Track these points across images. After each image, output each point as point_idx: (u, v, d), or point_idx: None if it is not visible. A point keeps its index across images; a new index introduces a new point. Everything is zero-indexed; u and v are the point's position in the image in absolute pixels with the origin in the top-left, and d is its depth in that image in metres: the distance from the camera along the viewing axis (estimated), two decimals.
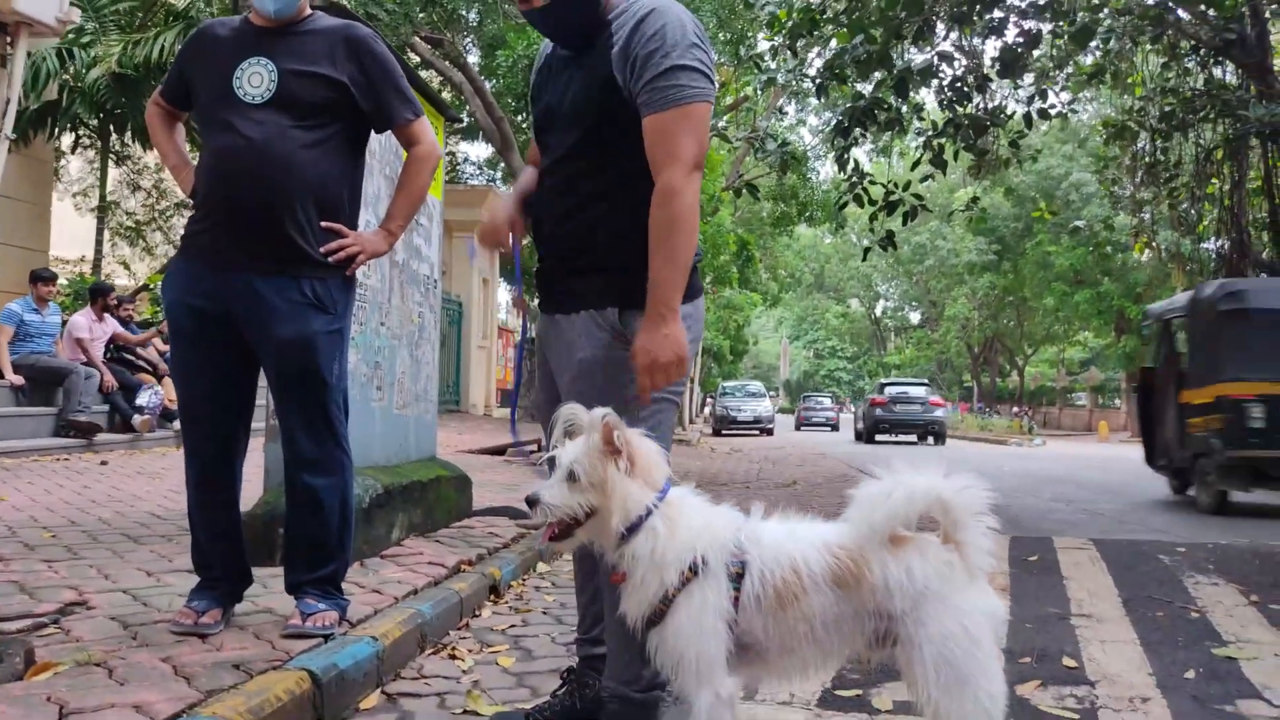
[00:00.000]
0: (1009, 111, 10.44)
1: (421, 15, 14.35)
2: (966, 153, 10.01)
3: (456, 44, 16.09)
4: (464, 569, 3.78)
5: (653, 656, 1.79)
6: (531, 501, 1.78)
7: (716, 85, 2.14)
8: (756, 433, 26.79)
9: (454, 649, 3.03)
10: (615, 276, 2.09)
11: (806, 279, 44.32)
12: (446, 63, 15.83)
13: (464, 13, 14.31)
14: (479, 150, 22.38)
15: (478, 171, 21.63)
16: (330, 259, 2.64)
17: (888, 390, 23.46)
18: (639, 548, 1.76)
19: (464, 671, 2.83)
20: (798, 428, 33.26)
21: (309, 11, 2.73)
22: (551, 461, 1.86)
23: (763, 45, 12.02)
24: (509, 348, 21.01)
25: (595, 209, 2.12)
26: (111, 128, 12.64)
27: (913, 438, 22.87)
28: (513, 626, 3.37)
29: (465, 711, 2.48)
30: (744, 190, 10.99)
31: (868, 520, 1.73)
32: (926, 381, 27.08)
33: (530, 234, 2.34)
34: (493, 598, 3.72)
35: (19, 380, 8.28)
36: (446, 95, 17.90)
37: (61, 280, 11.31)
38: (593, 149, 2.11)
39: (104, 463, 7.43)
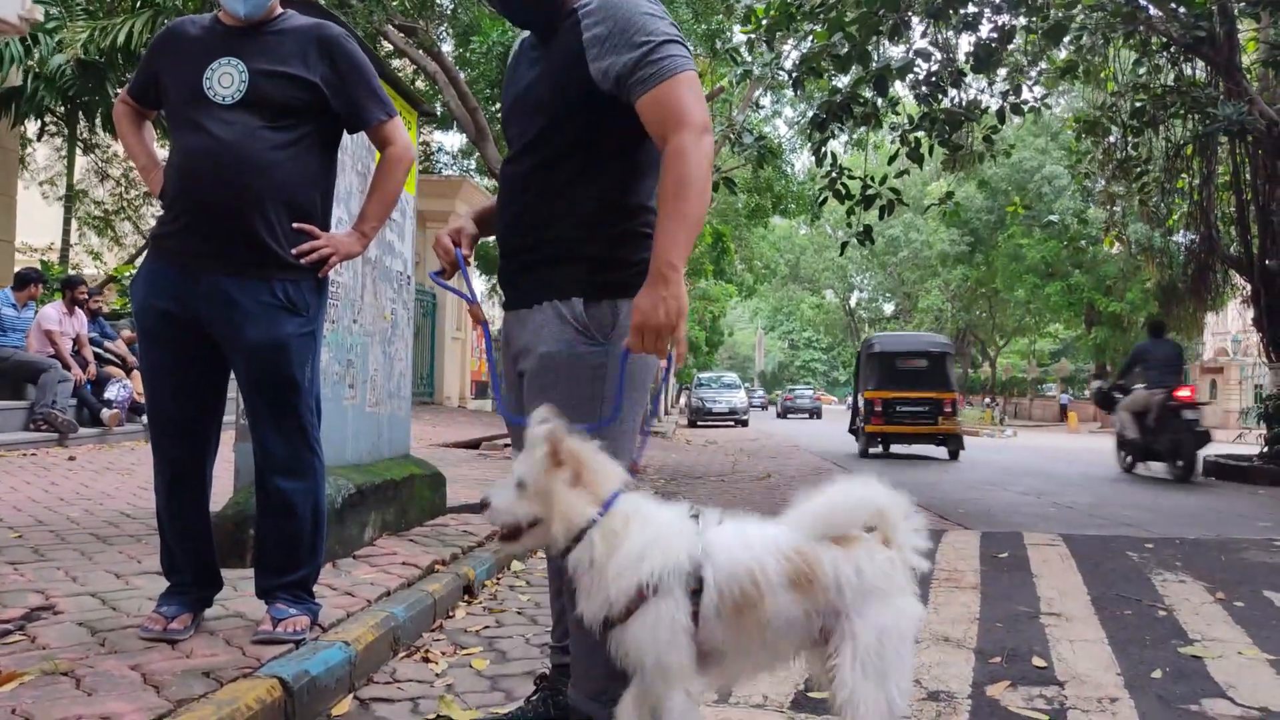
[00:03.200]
0: (983, 106, 10.52)
1: (395, 3, 14.22)
2: (941, 147, 10.08)
3: (430, 32, 15.92)
4: (437, 569, 3.77)
5: (616, 657, 1.81)
6: (483, 504, 1.85)
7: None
8: (732, 424, 26.88)
9: (427, 651, 3.02)
10: (580, 266, 2.07)
11: (782, 270, 44.38)
12: (420, 51, 15.68)
13: (438, 0, 14.15)
14: (453, 140, 22.25)
15: (451, 161, 21.46)
16: (302, 260, 2.61)
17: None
18: (579, 557, 1.79)
19: (437, 675, 2.82)
20: (782, 415, 32.86)
21: (280, 11, 2.69)
22: None
23: (739, 39, 12.03)
24: (482, 339, 20.90)
25: (559, 198, 2.09)
26: (80, 115, 12.45)
27: None
28: (487, 628, 3.36)
29: (439, 716, 2.46)
30: (720, 184, 10.97)
31: (821, 522, 1.79)
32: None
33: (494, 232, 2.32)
34: (466, 598, 3.71)
35: None
36: (420, 85, 17.76)
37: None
38: (557, 136, 2.09)
39: (72, 458, 7.33)
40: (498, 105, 15.43)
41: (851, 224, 10.17)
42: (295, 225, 2.61)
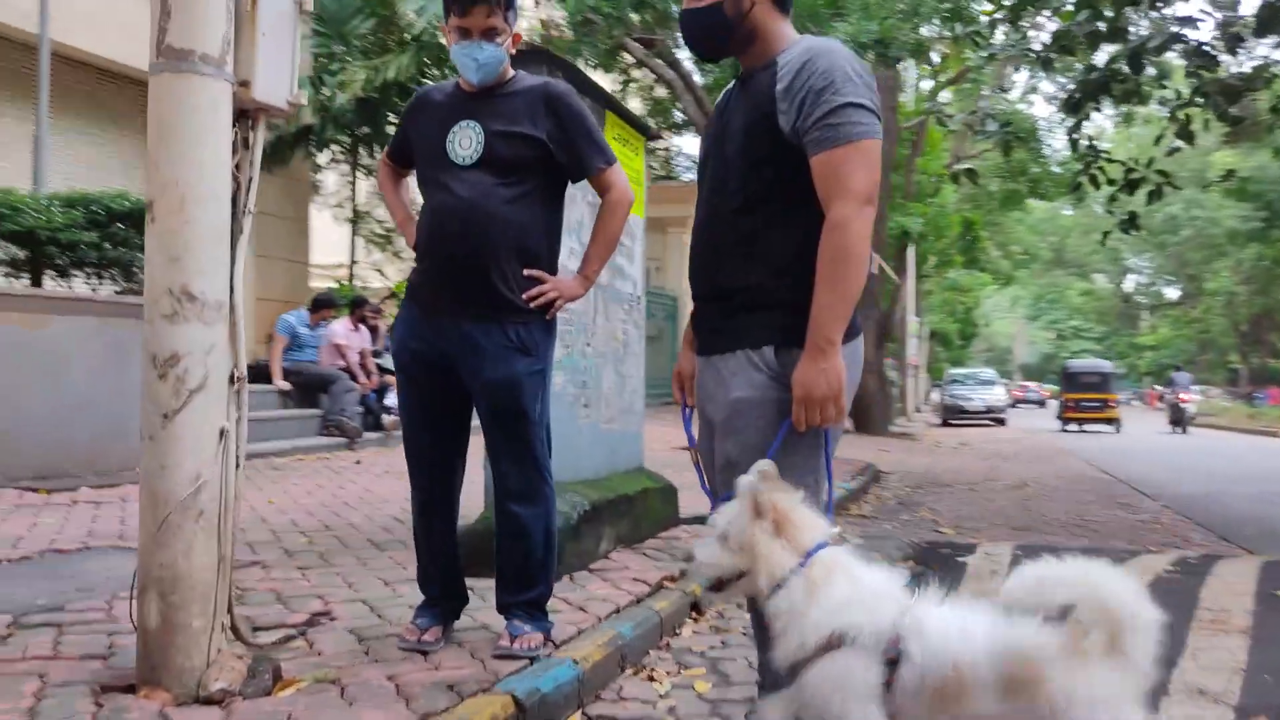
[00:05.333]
0: (1272, 72, 9.36)
1: (635, 16, 14.67)
2: (1220, 121, 9.09)
3: (668, 42, 16.30)
4: (666, 585, 3.90)
5: (798, 705, 1.83)
6: (688, 559, 1.89)
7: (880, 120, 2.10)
8: (988, 423, 25.53)
9: (652, 671, 3.14)
10: (772, 314, 2.10)
11: (1044, 255, 41.64)
12: (659, 61, 16.09)
13: (675, 12, 14.44)
14: (691, 144, 22.58)
15: (691, 166, 21.84)
16: (531, 305, 2.82)
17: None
18: (778, 604, 1.82)
19: (660, 696, 2.93)
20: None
21: (511, 74, 2.91)
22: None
23: (984, 18, 11.41)
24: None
25: (751, 246, 2.13)
26: (360, 145, 13.81)
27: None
28: (712, 648, 3.44)
29: None
30: (962, 176, 10.48)
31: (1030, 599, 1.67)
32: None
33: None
34: (694, 615, 3.81)
35: (286, 386, 9.27)
36: (660, 92, 18.20)
37: (323, 284, 12.49)
38: (752, 183, 2.13)
39: (358, 461, 8.19)
40: None
41: (1114, 211, 9.39)
42: (526, 272, 2.82)
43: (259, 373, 9.54)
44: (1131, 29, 8.04)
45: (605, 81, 19.17)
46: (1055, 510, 7.93)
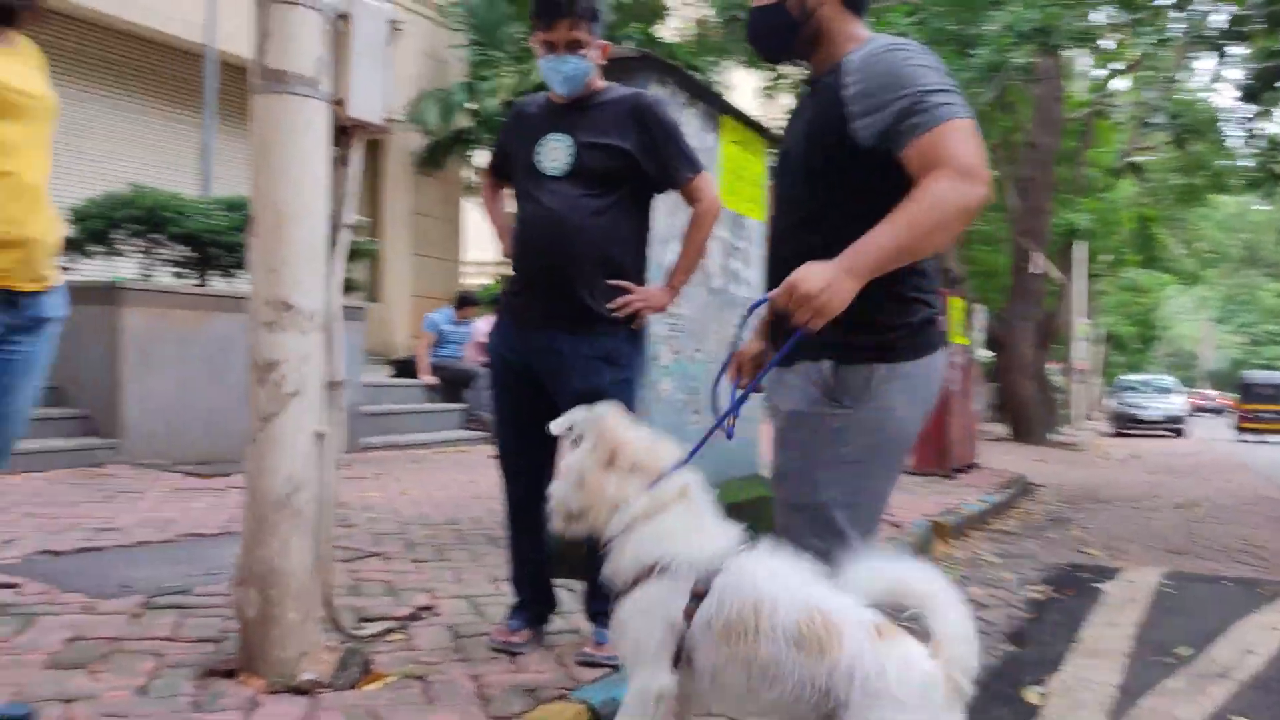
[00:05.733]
0: None
1: None
2: None
3: None
4: None
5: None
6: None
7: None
8: (1165, 433, 23.87)
9: None
10: (837, 329, 1.95)
11: (1234, 254, 38.54)
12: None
13: None
14: None
15: None
16: (616, 315, 2.82)
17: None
18: (611, 532, 1.88)
19: None
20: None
21: (601, 85, 2.92)
22: None
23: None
24: None
25: (818, 258, 1.97)
26: None
27: None
28: None
29: None
30: (1127, 172, 9.82)
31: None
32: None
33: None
34: None
35: (433, 380, 9.67)
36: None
37: (476, 282, 12.94)
38: (818, 194, 2.05)
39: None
40: None
41: None
42: (610, 282, 2.83)
43: (408, 368, 10.00)
44: None
45: (754, 78, 19.03)
46: (1221, 534, 7.33)
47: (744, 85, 20.73)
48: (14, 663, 2.56)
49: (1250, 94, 7.91)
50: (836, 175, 2.01)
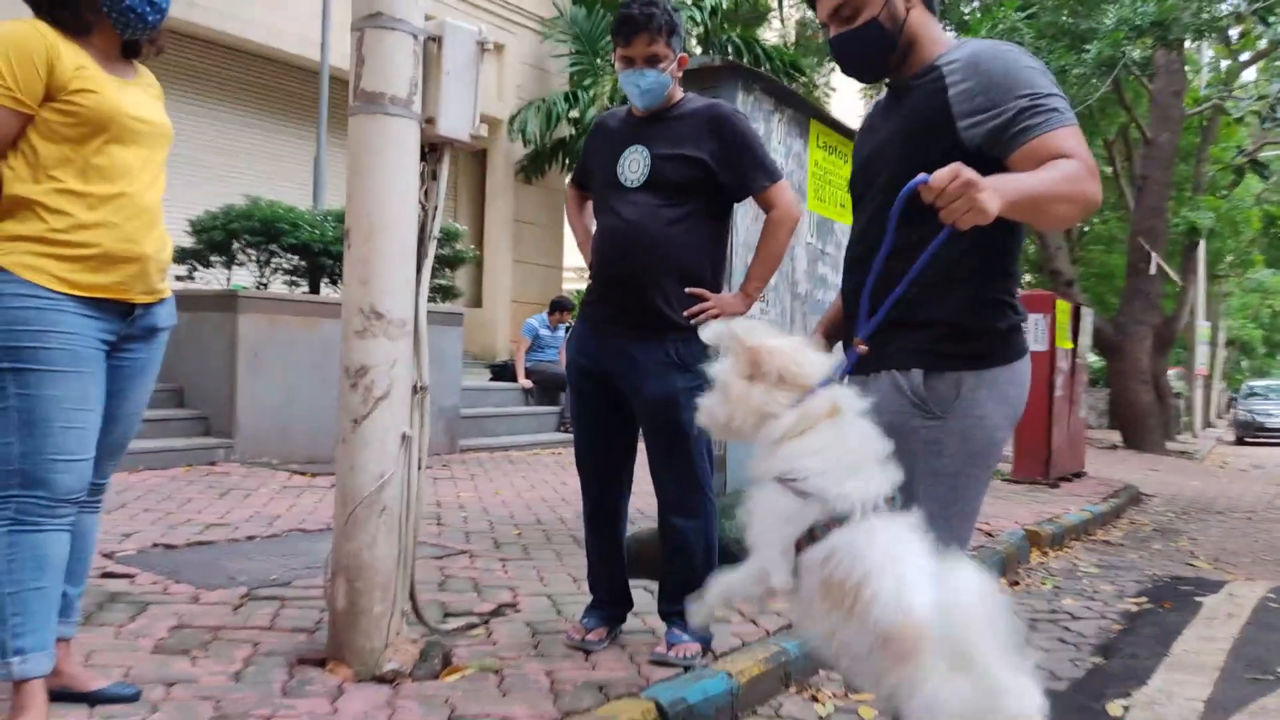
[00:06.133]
0: None
1: None
2: None
3: None
4: None
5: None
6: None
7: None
8: None
9: (817, 691, 3.11)
10: (925, 333, 1.97)
11: None
12: None
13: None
14: None
15: None
16: (692, 322, 2.88)
17: None
18: (762, 438, 1.77)
19: (821, 718, 2.91)
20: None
21: (680, 96, 2.99)
22: None
23: None
24: None
25: (906, 260, 1.95)
26: None
27: None
28: None
29: None
30: (1248, 169, 9.36)
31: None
32: None
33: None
34: None
35: (529, 384, 9.89)
36: None
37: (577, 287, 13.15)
38: (923, 220, 1.92)
39: None
40: None
41: None
42: (687, 290, 2.89)
43: (507, 371, 10.25)
44: None
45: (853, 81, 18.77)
46: None
47: (847, 87, 20.53)
48: (125, 647, 2.78)
49: None
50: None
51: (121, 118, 2.25)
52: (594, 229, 3.11)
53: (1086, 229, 21.43)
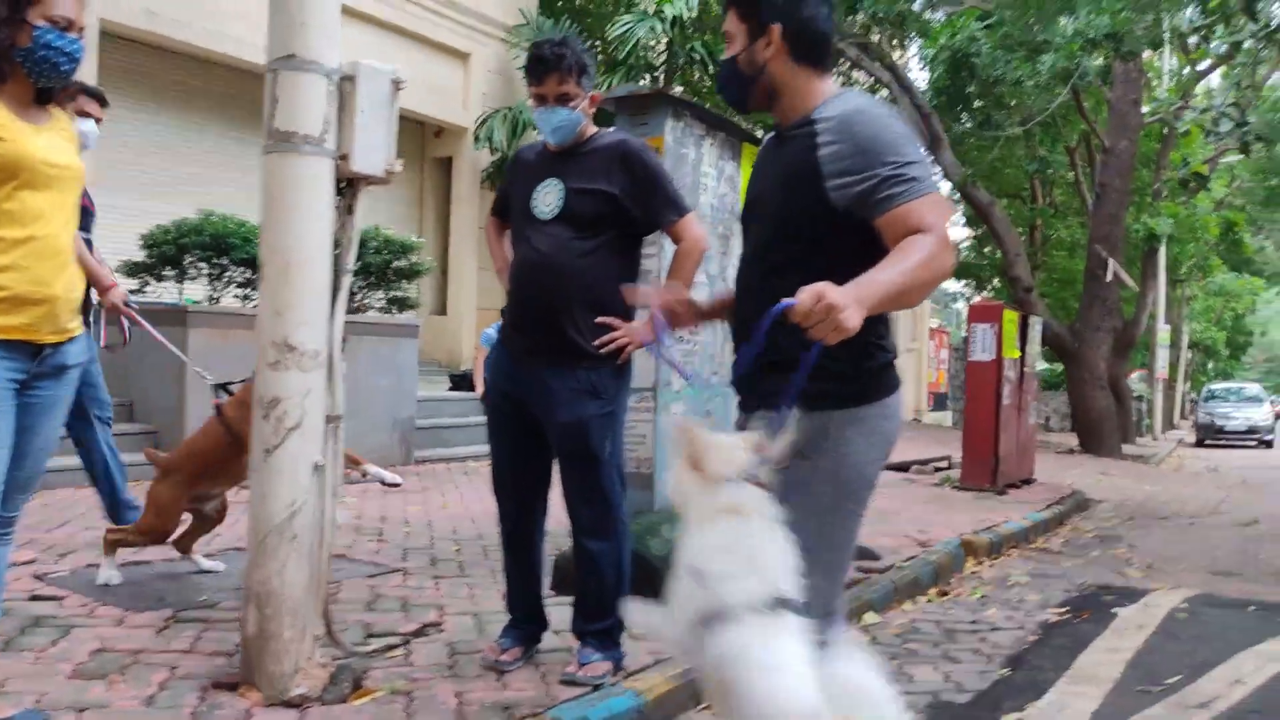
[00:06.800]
0: None
1: (852, 18, 14.49)
2: None
3: (884, 44, 15.95)
4: None
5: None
6: None
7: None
8: (1253, 444, 23.00)
9: None
10: (791, 377, 2.00)
11: None
12: (877, 64, 15.75)
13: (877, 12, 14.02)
14: None
15: None
16: (602, 351, 2.98)
17: None
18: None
19: None
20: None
21: (591, 132, 3.09)
22: None
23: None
24: (941, 349, 20.33)
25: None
26: None
27: None
28: None
29: None
30: (1191, 182, 9.58)
31: None
32: None
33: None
34: None
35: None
36: (884, 94, 17.80)
37: None
38: (786, 245, 2.09)
39: None
40: (949, 113, 15.07)
41: None
42: (598, 320, 2.99)
43: (466, 381, 10.31)
44: None
45: None
46: (1276, 553, 7.13)
47: None
48: (43, 672, 2.84)
49: None
50: (809, 229, 2.05)
51: (33, 164, 2.32)
52: (512, 258, 3.20)
53: (1051, 234, 21.74)
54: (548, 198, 3.01)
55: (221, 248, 7.07)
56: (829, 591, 2.03)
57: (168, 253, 7.14)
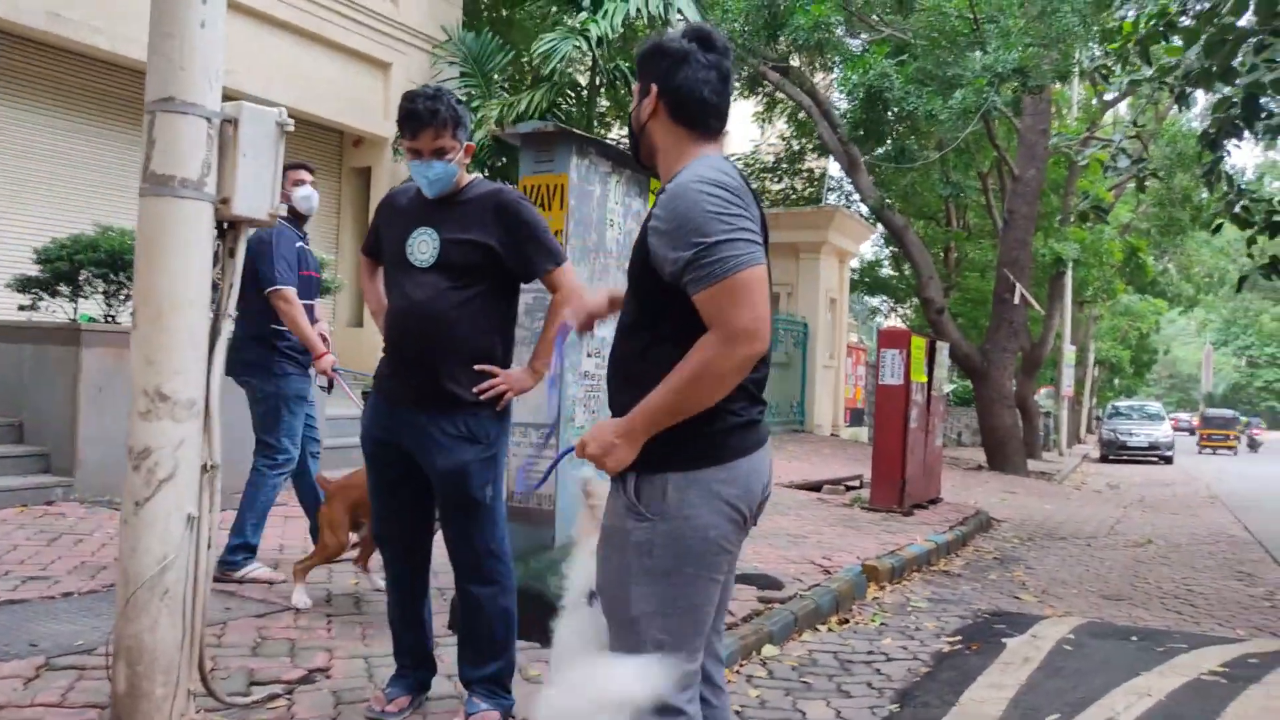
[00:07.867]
0: None
1: (773, 43, 14.71)
2: None
3: (804, 70, 16.24)
4: None
5: None
6: None
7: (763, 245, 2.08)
8: (1154, 460, 23.95)
9: None
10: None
11: (1232, 278, 38.53)
12: (796, 88, 16.03)
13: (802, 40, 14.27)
14: (833, 168, 22.29)
15: (836, 186, 21.56)
16: (481, 397, 2.97)
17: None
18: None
19: None
20: (1199, 445, 34.14)
21: (467, 181, 3.08)
22: None
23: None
24: (858, 365, 20.72)
25: (630, 366, 2.09)
26: (496, 179, 14.42)
27: None
28: None
29: None
30: (1090, 214, 9.97)
31: None
32: None
33: None
34: None
35: None
36: (801, 117, 18.12)
37: None
38: (639, 304, 2.10)
39: None
40: (867, 144, 15.42)
41: (1253, 256, 8.70)
42: (476, 367, 2.98)
43: None
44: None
45: (749, 106, 19.27)
46: (1165, 576, 7.44)
47: (737, 112, 21.00)
48: None
49: (1209, 142, 8.00)
50: (648, 294, 2.06)
51: None
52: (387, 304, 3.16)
53: (961, 256, 22.35)
54: (423, 246, 2.99)
55: (119, 264, 6.84)
56: (678, 654, 1.99)
57: (61, 269, 6.88)
